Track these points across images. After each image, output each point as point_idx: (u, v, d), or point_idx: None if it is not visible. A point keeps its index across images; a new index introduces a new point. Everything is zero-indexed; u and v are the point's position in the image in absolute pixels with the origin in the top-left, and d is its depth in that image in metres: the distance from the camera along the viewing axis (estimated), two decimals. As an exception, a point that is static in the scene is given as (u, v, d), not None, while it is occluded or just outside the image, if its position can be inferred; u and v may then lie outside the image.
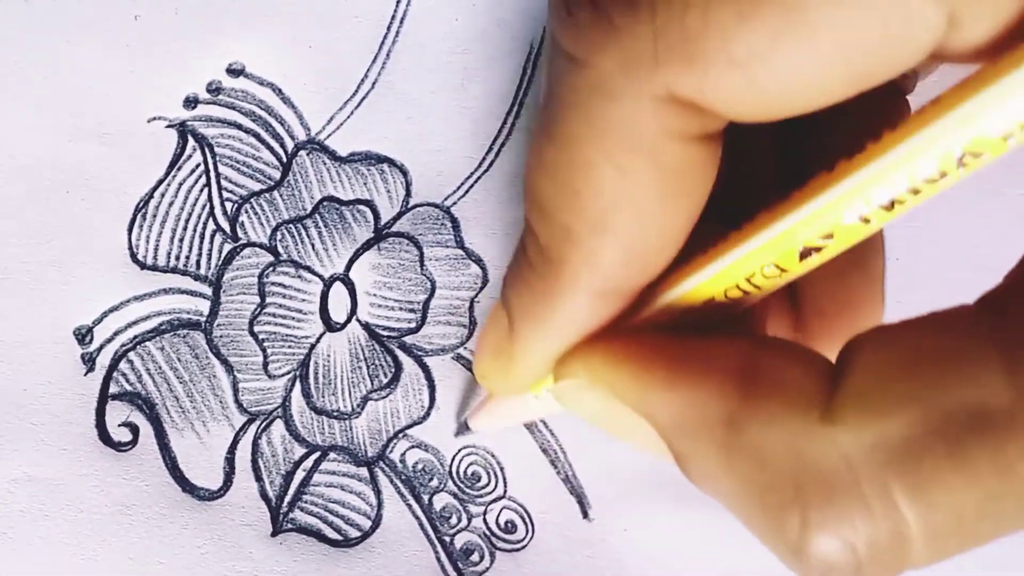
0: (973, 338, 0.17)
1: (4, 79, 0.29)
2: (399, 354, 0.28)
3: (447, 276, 0.28)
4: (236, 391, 0.28)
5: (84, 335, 0.28)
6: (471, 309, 0.28)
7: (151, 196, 0.28)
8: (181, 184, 0.28)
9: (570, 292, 0.19)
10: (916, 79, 0.22)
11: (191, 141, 0.29)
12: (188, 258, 0.28)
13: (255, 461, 0.27)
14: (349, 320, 0.28)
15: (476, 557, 0.27)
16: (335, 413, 0.28)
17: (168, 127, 0.29)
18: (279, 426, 0.27)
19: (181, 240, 0.28)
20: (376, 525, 0.27)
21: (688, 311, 0.20)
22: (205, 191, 0.28)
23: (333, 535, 0.27)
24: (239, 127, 0.29)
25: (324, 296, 0.28)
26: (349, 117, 0.29)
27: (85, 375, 0.27)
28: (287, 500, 0.27)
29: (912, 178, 0.17)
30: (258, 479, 0.27)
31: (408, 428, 0.28)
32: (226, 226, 0.28)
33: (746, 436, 0.17)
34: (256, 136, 0.29)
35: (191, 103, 0.29)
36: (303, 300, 0.28)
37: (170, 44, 0.29)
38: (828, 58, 0.16)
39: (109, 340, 0.28)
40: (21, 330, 0.27)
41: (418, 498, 0.27)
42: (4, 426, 0.27)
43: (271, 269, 0.28)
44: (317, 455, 0.27)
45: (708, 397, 0.18)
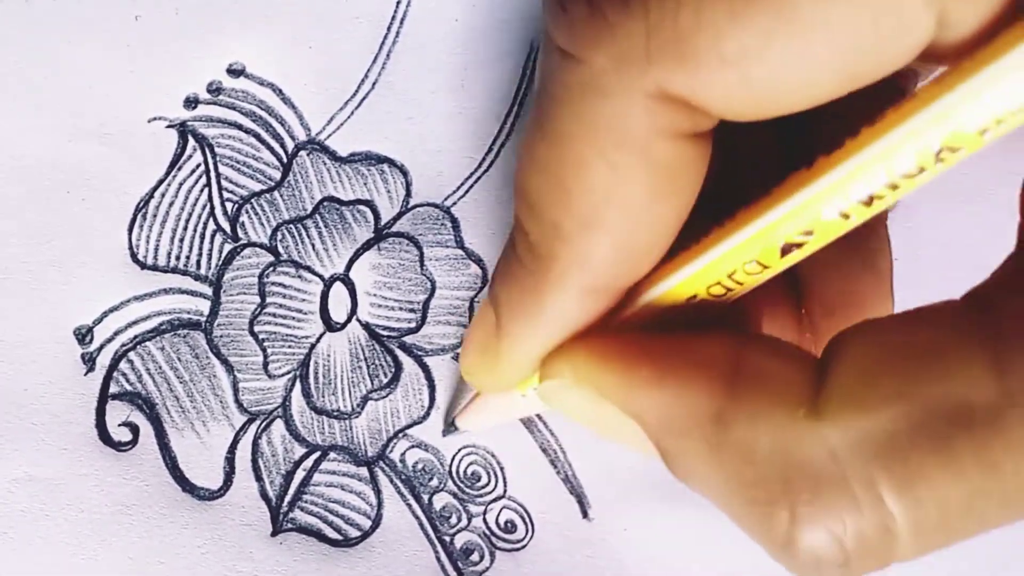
0: (959, 334, 0.17)
1: (4, 79, 0.29)
2: (399, 354, 0.28)
3: (447, 276, 0.28)
4: (236, 391, 0.28)
5: (84, 335, 0.28)
6: (471, 309, 0.28)
7: (151, 196, 0.28)
8: (181, 184, 0.28)
9: (559, 289, 0.19)
10: (917, 79, 0.22)
11: (191, 141, 0.29)
12: (188, 258, 0.28)
13: (255, 461, 0.27)
14: (349, 320, 0.28)
15: (476, 557, 0.27)
16: (335, 413, 0.28)
17: (168, 127, 0.29)
18: (279, 426, 0.27)
19: (181, 240, 0.28)
20: (376, 525, 0.27)
21: (673, 309, 0.20)
22: (205, 191, 0.28)
23: (333, 535, 0.27)
24: (239, 127, 0.29)
25: (324, 296, 0.28)
26: (349, 117, 0.29)
27: (85, 375, 0.27)
28: (287, 500, 0.27)
29: (890, 173, 0.17)
30: (258, 479, 0.27)
31: (408, 428, 0.28)
32: (226, 226, 0.28)
33: (733, 432, 0.18)
34: (256, 136, 0.29)
35: (191, 103, 0.29)
36: (303, 300, 0.28)
37: (170, 44, 0.29)
38: (819, 57, 0.16)
39: (109, 340, 0.28)
40: (21, 330, 0.27)
41: (418, 498, 0.27)
42: (4, 426, 0.27)
43: (271, 269, 0.28)
44: (317, 455, 0.27)
45: (694, 394, 0.18)
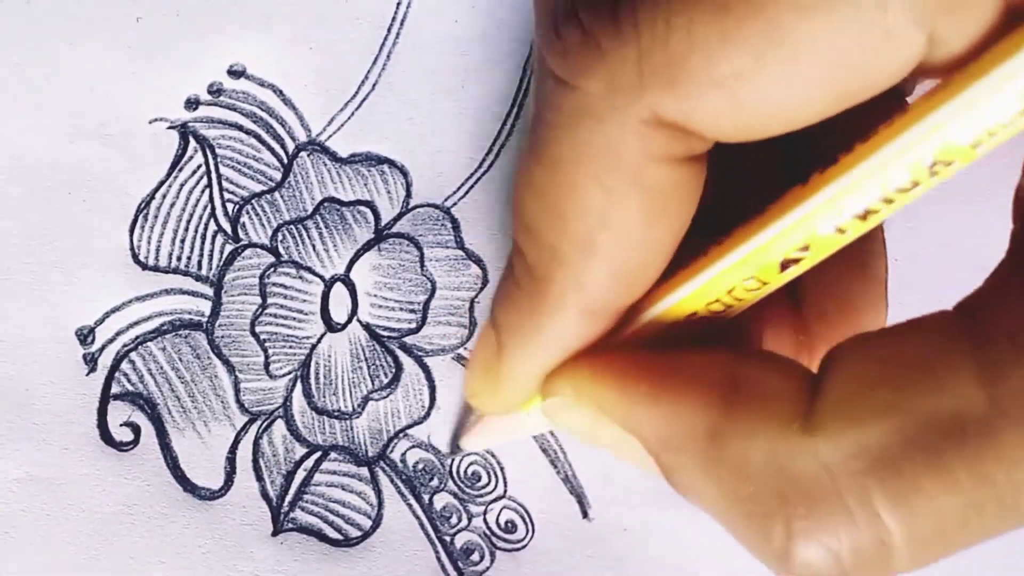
0: (949, 345, 0.17)
1: (5, 79, 0.29)
2: (400, 354, 0.28)
3: (447, 277, 0.28)
4: (237, 391, 0.28)
5: (86, 335, 0.28)
6: (471, 309, 0.28)
7: (152, 197, 0.28)
8: (182, 185, 0.29)
9: (557, 311, 0.20)
10: (911, 95, 0.22)
11: (192, 142, 0.29)
12: (189, 259, 0.28)
13: (256, 461, 0.27)
14: (350, 320, 0.28)
15: (476, 557, 0.27)
16: (336, 413, 0.28)
17: (169, 128, 0.29)
18: (280, 426, 0.27)
19: (182, 241, 0.28)
20: (376, 525, 0.27)
21: (672, 326, 0.20)
22: (206, 192, 0.29)
23: (334, 535, 0.27)
24: (240, 128, 0.29)
25: (325, 297, 0.28)
26: (350, 118, 0.29)
27: (87, 375, 0.27)
28: (288, 500, 0.27)
29: (884, 188, 0.17)
30: (259, 479, 0.27)
31: (408, 428, 0.28)
32: (227, 227, 0.28)
33: (729, 448, 0.18)
34: (257, 137, 0.29)
35: (192, 104, 0.29)
36: (304, 301, 0.28)
37: (171, 45, 0.29)
38: (810, 78, 0.16)
39: (111, 340, 0.28)
40: (23, 330, 0.28)
41: (418, 498, 0.27)
42: (6, 426, 0.27)
43: (272, 270, 0.28)
44: (318, 455, 0.27)
45: (691, 411, 0.18)
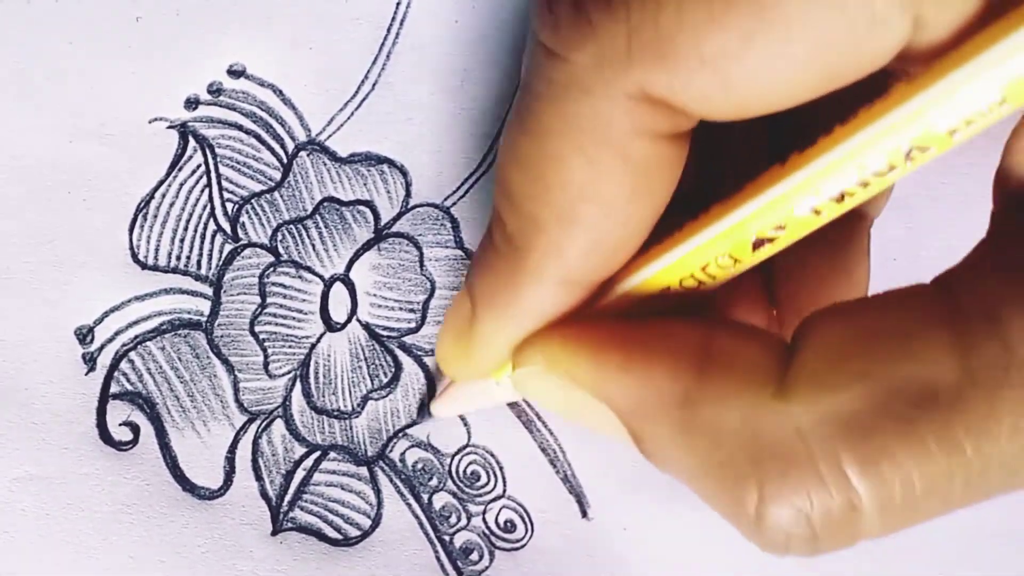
0: (925, 316, 0.17)
1: (5, 79, 0.29)
2: (399, 354, 0.28)
3: (447, 276, 0.28)
4: (237, 391, 0.28)
5: (85, 335, 0.28)
6: (471, 309, 0.28)
7: (152, 197, 0.28)
8: (182, 185, 0.29)
9: (534, 280, 0.20)
10: (896, 79, 0.22)
11: (192, 142, 0.29)
12: (189, 258, 0.28)
13: (255, 460, 0.27)
14: (349, 320, 0.28)
15: (476, 556, 0.27)
16: (335, 413, 0.28)
17: (169, 128, 0.29)
18: (279, 425, 0.28)
19: (182, 240, 0.28)
20: (376, 524, 0.27)
21: (646, 300, 0.20)
22: (206, 192, 0.29)
23: (333, 534, 0.27)
24: (240, 128, 0.29)
25: (324, 296, 0.28)
26: (349, 118, 0.29)
27: (86, 374, 0.27)
28: (287, 499, 0.27)
29: (862, 171, 0.17)
30: (258, 478, 0.27)
31: (408, 428, 0.28)
32: (227, 227, 0.28)
33: (701, 414, 0.18)
34: (257, 137, 0.29)
35: (192, 104, 0.29)
36: (303, 300, 0.28)
37: (171, 45, 0.29)
38: (797, 58, 0.16)
39: (110, 340, 0.28)
40: (22, 330, 0.28)
41: (418, 497, 0.27)
42: (6, 425, 0.27)
43: (272, 269, 0.28)
44: (317, 454, 0.27)
45: (663, 378, 0.18)
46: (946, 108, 0.16)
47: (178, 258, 0.28)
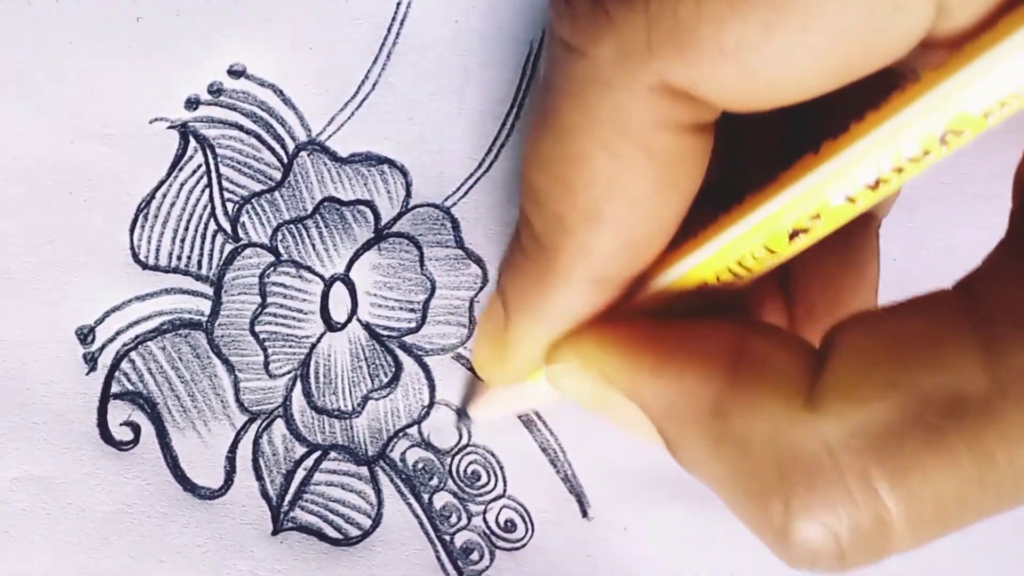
0: (951, 323, 0.17)
1: (5, 80, 0.29)
2: (399, 354, 0.28)
3: (447, 276, 0.28)
4: (237, 390, 0.28)
5: (86, 335, 0.28)
6: (471, 309, 0.28)
7: (153, 197, 0.28)
8: (183, 185, 0.29)
9: (564, 281, 0.20)
10: (921, 66, 0.22)
11: (192, 142, 0.29)
12: (189, 258, 0.28)
13: (256, 460, 0.27)
14: (350, 320, 0.28)
15: (476, 556, 0.27)
16: (336, 412, 0.28)
17: (170, 128, 0.29)
18: (280, 425, 0.28)
19: (183, 240, 0.28)
20: (376, 524, 0.27)
21: (682, 296, 0.20)
22: (206, 192, 0.29)
23: (333, 534, 0.27)
24: (240, 128, 0.29)
25: (325, 296, 0.28)
26: (350, 118, 0.29)
27: (87, 374, 0.28)
28: (288, 499, 0.27)
29: (896, 157, 0.17)
30: (259, 478, 0.27)
31: (408, 427, 0.28)
32: (227, 226, 0.28)
33: (732, 423, 0.18)
34: (257, 137, 0.29)
35: (192, 104, 0.29)
36: (304, 300, 0.28)
37: (171, 45, 0.29)
38: (818, 48, 0.16)
39: (111, 340, 0.28)
40: (23, 330, 0.28)
41: (418, 497, 0.27)
42: (6, 425, 0.27)
43: (272, 269, 0.28)
44: (318, 454, 0.27)
45: (695, 383, 0.18)
46: (980, 90, 0.16)
47: (179, 258, 0.28)
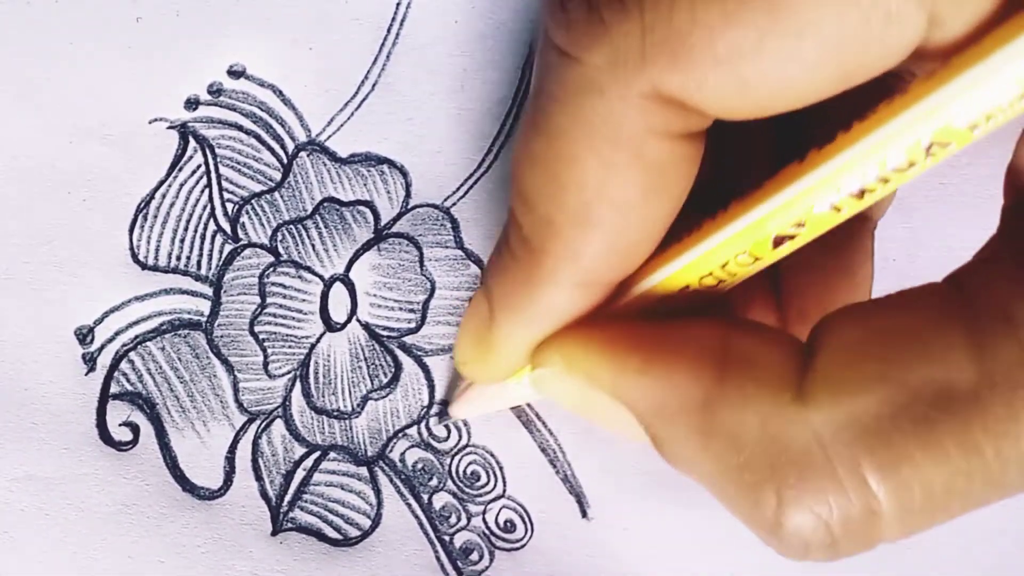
0: (940, 316, 0.17)
1: (4, 79, 0.29)
2: (399, 354, 0.28)
3: (447, 276, 0.28)
4: (236, 391, 0.28)
5: (85, 335, 0.28)
6: (470, 309, 0.28)
7: (152, 197, 0.28)
8: (182, 185, 0.29)
9: (550, 282, 0.20)
10: (911, 76, 0.22)
11: (192, 142, 0.29)
12: (189, 259, 0.28)
13: (255, 460, 0.27)
14: (349, 320, 0.28)
15: (475, 556, 0.27)
16: (335, 413, 0.28)
17: (169, 128, 0.29)
18: (279, 426, 0.28)
19: (182, 241, 0.28)
20: (376, 524, 0.27)
21: (665, 299, 0.20)
22: (206, 192, 0.29)
23: (333, 534, 0.27)
24: (240, 128, 0.29)
25: (324, 296, 0.28)
26: (349, 119, 0.29)
27: (86, 375, 0.28)
28: (287, 499, 0.27)
29: (882, 167, 0.17)
30: (258, 478, 0.27)
31: (408, 428, 0.28)
32: (227, 227, 0.28)
33: (720, 418, 0.18)
34: (257, 137, 0.29)
35: (192, 104, 0.29)
36: (303, 300, 0.28)
37: (171, 46, 0.29)
38: (811, 57, 0.16)
39: (110, 340, 0.28)
40: (22, 330, 0.28)
41: (418, 497, 0.27)
42: (5, 425, 0.27)
43: (271, 269, 0.28)
44: (317, 454, 0.27)
45: (682, 380, 0.18)
46: (966, 103, 0.16)
47: (178, 258, 0.28)
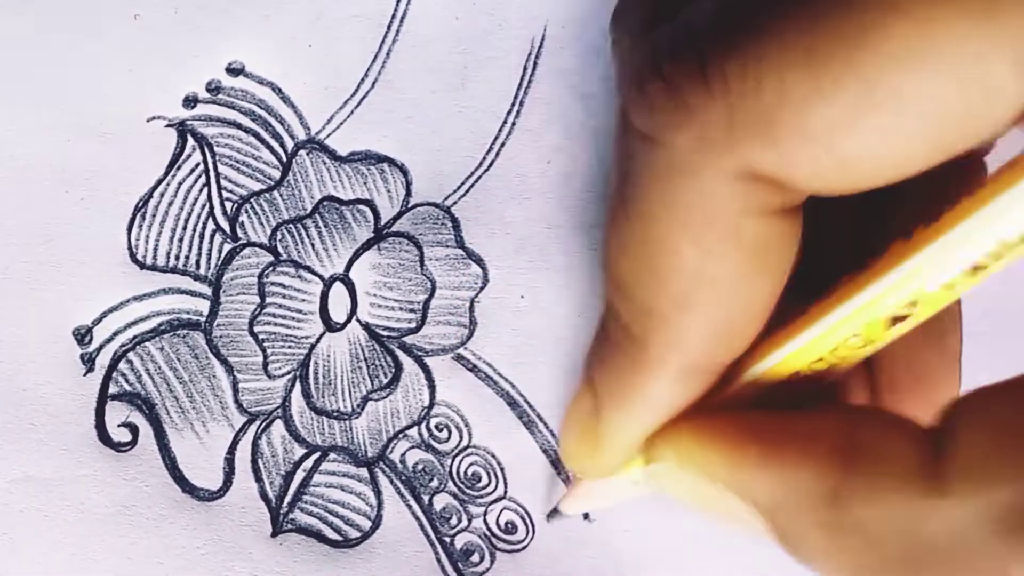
0: None
1: (4, 78, 0.29)
2: (399, 354, 0.28)
3: (447, 276, 0.28)
4: (236, 391, 0.28)
5: (83, 335, 0.28)
6: (471, 309, 0.28)
7: (151, 196, 0.28)
8: (181, 184, 0.28)
9: (656, 371, 0.19)
10: (993, 141, 0.22)
11: (191, 140, 0.29)
12: (188, 258, 0.28)
13: (255, 461, 0.27)
14: (349, 320, 0.28)
15: (476, 558, 0.27)
16: (335, 413, 0.28)
17: (168, 126, 0.29)
18: (279, 426, 0.27)
19: (181, 240, 0.28)
20: (376, 525, 0.27)
21: (774, 385, 0.20)
22: (205, 191, 0.28)
23: (333, 535, 0.27)
24: (239, 126, 0.29)
25: (324, 296, 0.28)
26: (349, 116, 0.29)
27: (84, 375, 0.27)
28: (287, 500, 0.27)
29: (994, 243, 0.16)
30: (258, 479, 0.27)
31: (408, 428, 0.28)
32: (226, 226, 0.28)
33: (851, 513, 0.17)
34: (256, 135, 0.29)
35: (191, 102, 0.29)
36: (303, 300, 0.28)
37: (170, 43, 0.29)
38: (909, 131, 0.16)
39: (108, 340, 0.28)
40: (20, 330, 0.27)
41: (418, 498, 0.27)
42: (4, 426, 0.27)
43: (271, 269, 0.28)
44: (317, 455, 0.27)
45: (807, 474, 0.18)
46: None
47: (177, 258, 0.28)
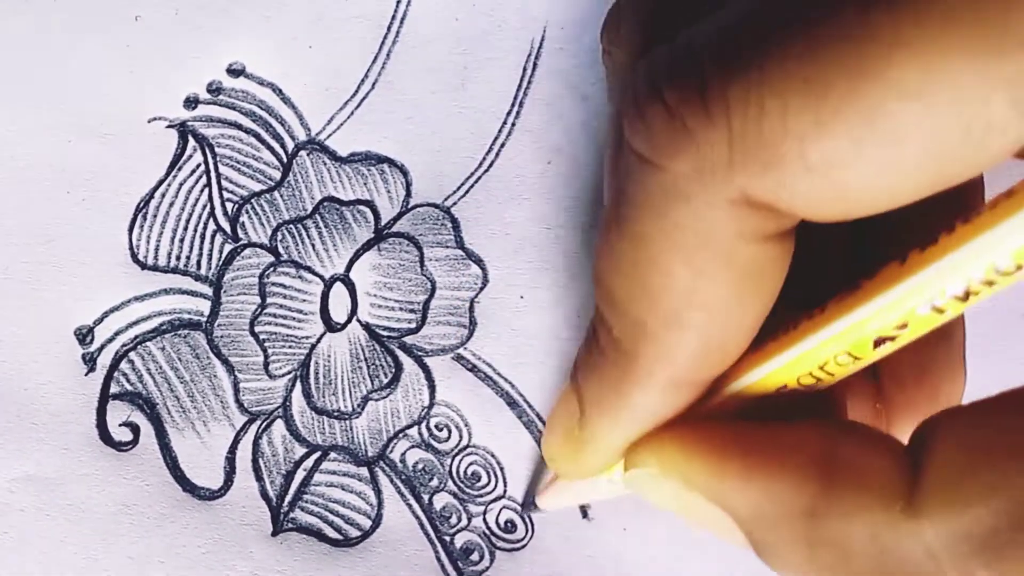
0: None
1: (4, 79, 0.29)
2: (399, 354, 0.28)
3: (447, 276, 0.28)
4: (237, 391, 0.28)
5: (85, 335, 0.28)
6: (471, 309, 0.28)
7: (152, 196, 0.28)
8: (182, 184, 0.28)
9: (644, 383, 0.20)
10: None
11: (191, 141, 0.29)
12: (189, 258, 0.28)
13: (256, 461, 0.27)
14: (349, 320, 0.28)
15: (476, 556, 0.27)
16: (335, 413, 0.28)
17: (168, 127, 0.29)
18: (280, 426, 0.27)
19: (182, 240, 0.28)
20: (376, 525, 0.27)
21: (762, 398, 0.20)
22: (205, 191, 0.28)
23: (333, 535, 0.27)
24: (239, 127, 0.29)
25: (324, 296, 0.28)
26: (349, 117, 0.29)
27: (86, 375, 0.27)
28: (287, 500, 0.27)
29: (987, 271, 0.17)
30: (259, 479, 0.27)
31: (408, 428, 0.28)
32: (227, 226, 0.28)
33: (828, 528, 0.17)
34: (256, 136, 0.29)
35: (191, 103, 0.29)
36: (304, 300, 0.28)
37: (170, 44, 0.29)
38: (909, 163, 0.16)
39: (110, 340, 0.28)
40: (22, 330, 0.28)
41: (418, 498, 0.27)
42: (5, 426, 0.27)
43: (272, 269, 0.28)
44: (317, 455, 0.27)
45: (787, 488, 0.18)
46: None
47: (178, 258, 0.28)
